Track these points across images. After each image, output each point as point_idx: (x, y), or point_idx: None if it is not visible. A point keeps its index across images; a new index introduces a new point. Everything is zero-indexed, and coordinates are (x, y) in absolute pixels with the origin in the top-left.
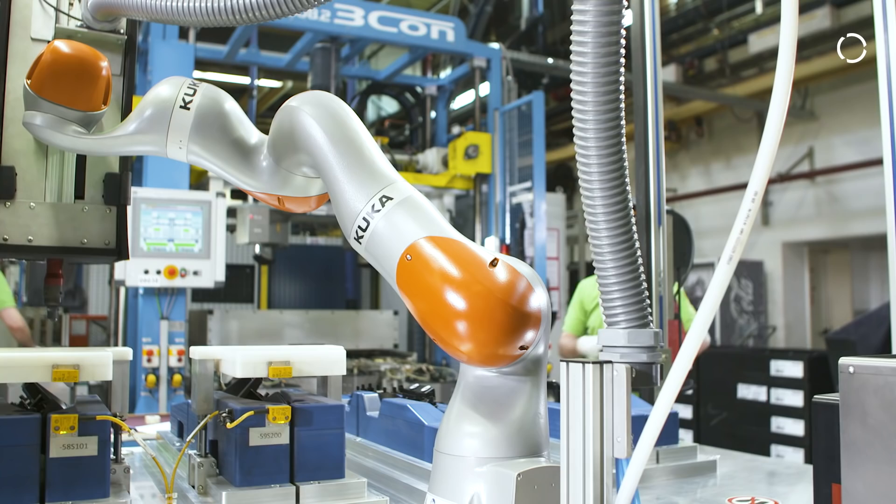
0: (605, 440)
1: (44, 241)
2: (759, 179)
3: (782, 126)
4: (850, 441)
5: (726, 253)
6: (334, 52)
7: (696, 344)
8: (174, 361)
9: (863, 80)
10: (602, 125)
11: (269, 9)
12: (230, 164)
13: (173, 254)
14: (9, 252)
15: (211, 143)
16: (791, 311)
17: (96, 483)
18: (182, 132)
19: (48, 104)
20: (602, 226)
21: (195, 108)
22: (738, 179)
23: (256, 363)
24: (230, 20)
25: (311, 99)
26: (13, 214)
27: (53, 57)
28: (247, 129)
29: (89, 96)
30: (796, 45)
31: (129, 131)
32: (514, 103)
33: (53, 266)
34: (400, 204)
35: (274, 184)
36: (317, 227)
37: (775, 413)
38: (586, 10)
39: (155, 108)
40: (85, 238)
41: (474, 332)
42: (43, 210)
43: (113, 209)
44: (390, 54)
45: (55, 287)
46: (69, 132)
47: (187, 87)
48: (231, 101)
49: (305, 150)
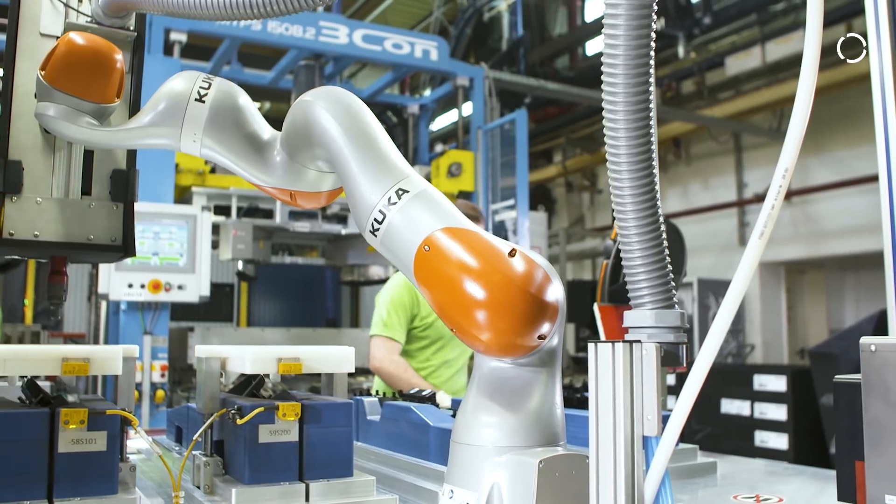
0: (634, 419)
1: (50, 236)
2: (790, 156)
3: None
4: (872, 418)
5: (758, 228)
6: (318, 69)
7: (732, 309)
8: (157, 377)
9: (838, 102)
10: (632, 107)
11: (283, 3)
12: (243, 158)
13: (158, 268)
14: (15, 247)
15: (225, 136)
16: (768, 331)
17: (105, 479)
18: (197, 125)
19: (62, 95)
20: (629, 207)
21: (210, 102)
22: (715, 200)
23: (266, 359)
24: (246, 14)
25: (325, 93)
26: (20, 209)
27: (69, 48)
28: (260, 124)
29: (103, 88)
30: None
31: (143, 123)
32: (497, 122)
33: (57, 263)
34: (416, 196)
35: (287, 179)
36: (294, 248)
37: (759, 427)
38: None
39: (170, 100)
40: (91, 234)
41: (493, 321)
42: (49, 205)
43: (120, 206)
44: (369, 75)
45: (59, 285)
46: (82, 123)
47: (202, 81)
48: (245, 95)
49: (320, 144)
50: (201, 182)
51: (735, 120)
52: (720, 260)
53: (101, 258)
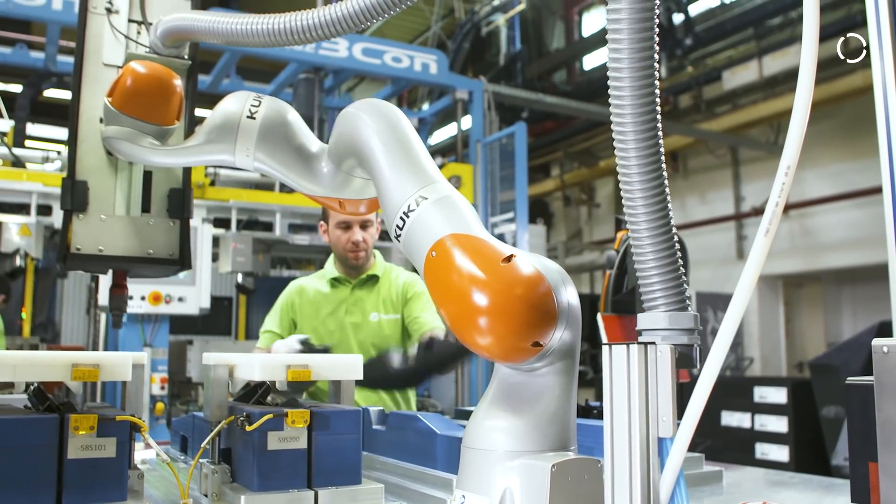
0: (650, 421)
1: (113, 250)
2: (791, 154)
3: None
4: (885, 419)
5: (763, 227)
6: (318, 82)
7: (740, 310)
8: (157, 389)
9: (834, 116)
10: (639, 108)
11: (323, 28)
12: (293, 170)
13: (158, 280)
14: (81, 261)
15: (275, 150)
16: (767, 344)
17: (114, 486)
18: (249, 141)
19: (128, 119)
20: (640, 210)
21: (260, 118)
22: (712, 214)
23: (276, 367)
24: (289, 40)
25: (367, 105)
26: (85, 226)
27: (134, 76)
28: (308, 137)
29: (165, 111)
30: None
31: (200, 141)
32: (496, 135)
33: (119, 277)
34: (435, 203)
35: (334, 187)
36: (291, 262)
37: (760, 439)
38: (621, 10)
39: (223, 119)
40: (151, 249)
41: (482, 327)
42: (112, 222)
43: (177, 222)
44: (367, 89)
45: (121, 296)
46: (146, 144)
47: (252, 100)
48: (293, 112)
49: (358, 152)
50: (201, 194)
51: (732, 134)
52: (718, 273)
53: (160, 272)
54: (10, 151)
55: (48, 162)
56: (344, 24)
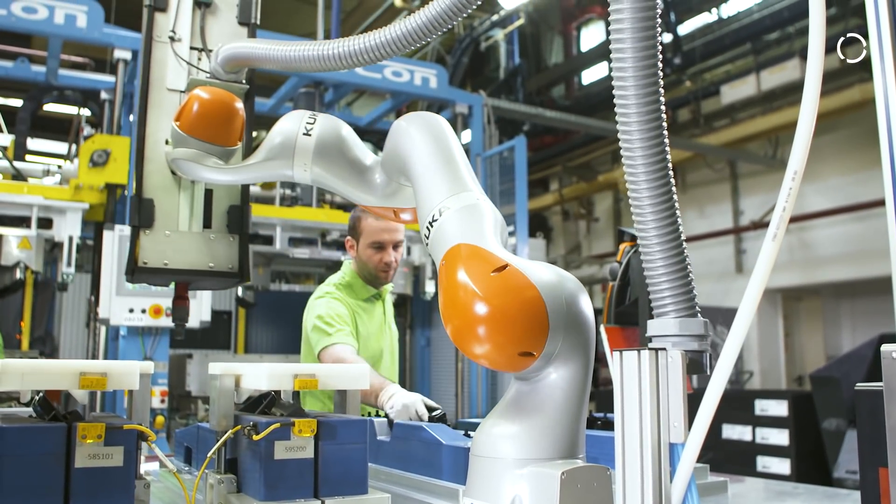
0: (661, 426)
1: (177, 264)
2: (798, 159)
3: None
4: (895, 424)
5: (771, 231)
6: (318, 96)
7: (750, 313)
8: (156, 403)
9: (833, 130)
10: (644, 117)
11: (368, 53)
12: (348, 182)
13: (159, 292)
14: (147, 274)
15: (331, 164)
16: (766, 357)
17: (121, 495)
18: (306, 156)
19: (195, 141)
20: (649, 218)
21: (316, 135)
22: (711, 227)
23: (283, 376)
24: (337, 65)
25: (413, 116)
26: (152, 241)
27: (201, 102)
28: (362, 151)
29: (229, 133)
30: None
31: (260, 159)
32: (496, 149)
33: (181, 289)
34: (457, 211)
35: (387, 197)
36: (290, 276)
37: (761, 452)
38: (623, 18)
39: (281, 137)
40: (212, 262)
41: (473, 335)
42: (176, 237)
43: (236, 237)
44: (367, 104)
45: (183, 308)
46: (210, 164)
47: (308, 118)
48: (347, 127)
49: (401, 162)
50: None
51: (731, 148)
52: (717, 287)
53: (220, 284)
54: (11, 164)
55: (49, 175)
56: (390, 48)
